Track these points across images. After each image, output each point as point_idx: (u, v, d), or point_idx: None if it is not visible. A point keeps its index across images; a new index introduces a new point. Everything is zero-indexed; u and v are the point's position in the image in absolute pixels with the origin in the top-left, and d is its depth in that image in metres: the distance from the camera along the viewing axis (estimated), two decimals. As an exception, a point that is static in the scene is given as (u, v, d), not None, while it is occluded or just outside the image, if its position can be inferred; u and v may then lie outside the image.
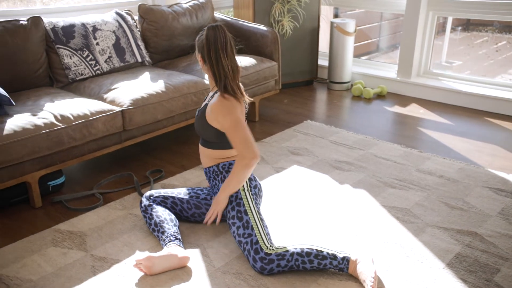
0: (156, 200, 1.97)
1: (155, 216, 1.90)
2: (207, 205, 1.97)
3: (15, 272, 1.74)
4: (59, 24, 2.69)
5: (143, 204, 1.97)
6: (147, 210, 1.94)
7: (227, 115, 1.78)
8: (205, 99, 1.94)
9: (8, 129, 2.02)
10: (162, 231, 1.85)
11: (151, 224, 1.91)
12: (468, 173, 2.47)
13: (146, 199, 1.97)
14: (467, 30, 4.95)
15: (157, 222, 1.88)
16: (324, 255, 1.67)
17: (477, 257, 1.80)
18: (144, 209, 1.95)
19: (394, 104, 3.64)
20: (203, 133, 1.90)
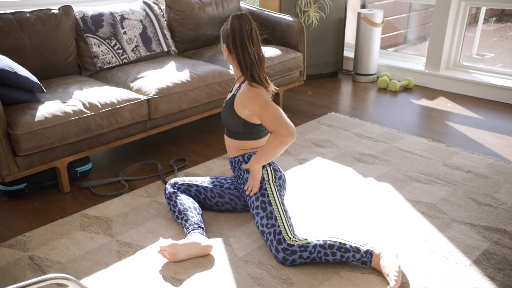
0: (180, 188, 1.99)
1: (179, 203, 1.93)
2: (231, 195, 1.99)
3: (46, 254, 1.80)
4: (88, 13, 2.73)
5: (167, 191, 1.99)
6: (171, 198, 1.96)
7: (256, 99, 1.77)
8: (231, 90, 1.95)
9: (39, 116, 2.08)
10: (186, 219, 1.87)
11: (175, 212, 1.93)
12: (498, 169, 2.40)
13: (171, 187, 2.00)
14: (501, 21, 4.77)
15: (181, 210, 1.90)
16: (347, 248, 1.66)
17: (506, 255, 1.76)
18: (169, 196, 1.98)
19: (421, 97, 3.55)
20: (230, 123, 1.90)
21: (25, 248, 1.84)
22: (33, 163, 2.11)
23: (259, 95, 1.77)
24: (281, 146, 1.76)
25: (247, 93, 1.79)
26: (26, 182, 2.21)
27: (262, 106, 1.76)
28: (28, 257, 1.79)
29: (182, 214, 1.90)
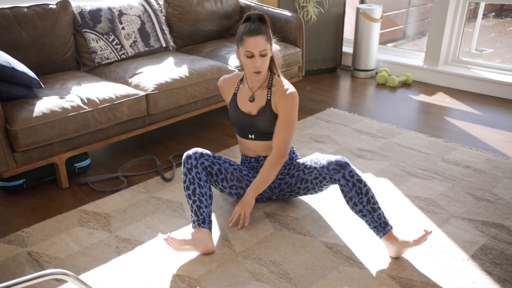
0: (204, 163, 1.83)
1: (197, 182, 1.78)
2: (248, 182, 1.96)
3: (44, 250, 1.80)
4: (86, 8, 2.72)
5: (190, 162, 1.80)
6: (191, 171, 1.79)
7: (295, 108, 1.86)
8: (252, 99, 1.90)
9: (37, 111, 2.07)
10: (199, 206, 1.76)
11: (189, 188, 1.78)
12: (496, 164, 2.41)
13: (195, 158, 1.81)
14: (500, 17, 4.77)
15: (197, 192, 1.77)
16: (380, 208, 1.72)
17: (504, 250, 1.76)
18: (189, 168, 1.79)
19: (420, 92, 3.55)
20: (269, 128, 1.91)
21: (24, 243, 1.84)
22: (31, 159, 2.11)
23: (297, 106, 1.87)
24: (278, 167, 1.87)
25: (295, 97, 1.85)
26: (24, 178, 2.21)
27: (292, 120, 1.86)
28: (26, 252, 1.79)
29: (196, 197, 1.77)
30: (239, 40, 1.79)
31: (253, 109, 1.91)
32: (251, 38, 1.75)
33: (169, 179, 2.30)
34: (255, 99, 1.90)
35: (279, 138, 1.85)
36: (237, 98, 1.95)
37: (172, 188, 2.23)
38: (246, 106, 1.92)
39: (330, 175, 1.77)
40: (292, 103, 1.84)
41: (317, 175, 1.84)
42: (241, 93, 1.94)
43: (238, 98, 1.95)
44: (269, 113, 1.89)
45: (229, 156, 2.55)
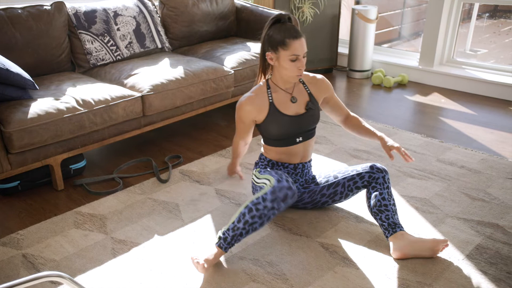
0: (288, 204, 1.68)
1: (265, 221, 1.63)
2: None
3: (40, 252, 1.79)
4: (81, 9, 2.71)
5: (283, 204, 1.62)
6: (274, 210, 1.62)
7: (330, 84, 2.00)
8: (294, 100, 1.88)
9: (32, 113, 2.06)
10: (242, 235, 1.64)
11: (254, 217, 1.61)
12: (491, 164, 2.42)
13: (286, 205, 1.65)
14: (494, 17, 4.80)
15: (255, 227, 1.63)
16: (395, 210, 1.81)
17: (499, 249, 1.77)
18: (277, 207, 1.61)
19: (415, 93, 3.57)
20: (317, 120, 1.95)
21: (19, 246, 1.83)
22: (26, 161, 2.10)
23: None
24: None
25: (326, 80, 1.97)
26: (19, 180, 2.20)
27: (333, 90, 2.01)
28: (21, 255, 1.78)
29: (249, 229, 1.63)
30: (281, 44, 1.73)
31: (299, 108, 1.89)
32: (296, 41, 1.72)
33: (165, 180, 2.29)
34: (297, 99, 1.89)
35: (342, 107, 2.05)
36: (276, 107, 1.85)
37: (168, 190, 2.22)
38: (291, 109, 1.87)
39: (371, 173, 1.84)
40: (329, 83, 1.99)
41: (354, 176, 1.88)
42: (278, 100, 1.86)
43: (278, 106, 1.85)
44: (316, 104, 1.93)
45: (224, 157, 2.55)
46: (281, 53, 1.75)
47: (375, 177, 1.83)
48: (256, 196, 1.65)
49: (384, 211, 1.78)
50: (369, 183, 1.85)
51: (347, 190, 1.91)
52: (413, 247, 1.70)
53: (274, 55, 1.77)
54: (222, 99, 2.84)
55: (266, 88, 1.88)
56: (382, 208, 1.78)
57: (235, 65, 2.84)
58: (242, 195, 2.17)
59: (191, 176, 2.35)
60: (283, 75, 1.81)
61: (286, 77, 1.81)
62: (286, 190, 1.63)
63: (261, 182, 1.84)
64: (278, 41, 1.74)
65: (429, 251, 1.70)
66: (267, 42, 1.78)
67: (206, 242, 1.84)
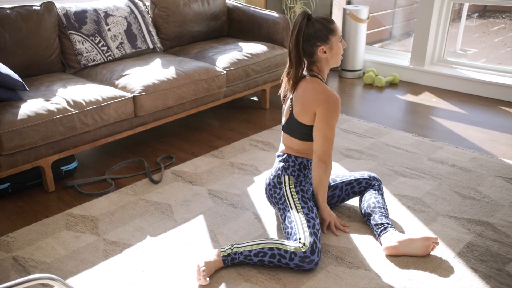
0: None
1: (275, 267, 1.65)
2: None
3: (30, 254, 1.78)
4: (71, 9, 2.69)
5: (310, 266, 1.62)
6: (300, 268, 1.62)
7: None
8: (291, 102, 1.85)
9: (22, 114, 2.04)
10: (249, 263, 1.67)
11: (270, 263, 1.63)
12: (481, 163, 2.44)
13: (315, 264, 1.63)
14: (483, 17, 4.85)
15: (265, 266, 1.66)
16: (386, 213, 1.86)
17: (489, 247, 1.79)
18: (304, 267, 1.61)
19: (407, 92, 3.59)
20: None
21: (9, 248, 1.81)
22: (16, 162, 2.07)
23: None
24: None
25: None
26: (9, 182, 2.18)
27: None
28: (12, 257, 1.76)
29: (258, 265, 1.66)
30: (330, 31, 1.75)
31: None
32: (335, 24, 1.79)
33: (157, 181, 2.28)
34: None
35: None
36: None
37: (161, 190, 2.22)
38: None
39: (368, 180, 1.96)
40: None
41: (352, 181, 1.96)
42: None
43: None
44: None
45: (216, 157, 2.55)
46: (332, 40, 1.76)
47: (371, 184, 1.96)
48: (286, 246, 1.62)
49: (377, 212, 1.84)
50: (365, 189, 1.95)
51: (344, 194, 1.98)
52: (404, 244, 1.72)
53: (327, 46, 1.76)
54: (214, 99, 2.84)
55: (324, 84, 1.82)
56: (376, 210, 1.85)
57: (227, 65, 2.84)
58: (235, 195, 2.16)
59: (183, 176, 2.34)
60: (333, 63, 1.81)
61: (334, 63, 1.82)
62: (313, 265, 1.62)
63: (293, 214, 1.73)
64: (326, 32, 1.75)
65: (421, 249, 1.71)
66: (314, 39, 1.75)
67: (199, 243, 1.83)
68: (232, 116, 3.14)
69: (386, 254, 1.74)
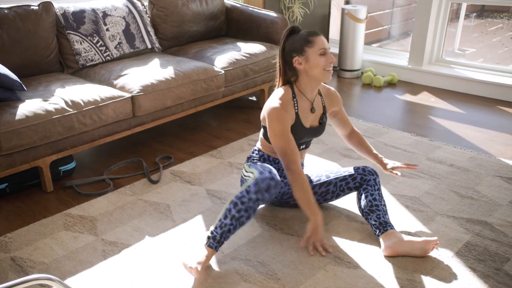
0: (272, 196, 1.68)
1: (251, 214, 1.63)
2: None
3: (28, 255, 1.77)
4: (69, 9, 2.69)
5: (267, 195, 1.62)
6: (259, 202, 1.62)
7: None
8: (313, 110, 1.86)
9: (20, 114, 2.04)
10: (230, 230, 1.63)
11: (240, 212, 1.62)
12: (479, 162, 2.45)
13: (270, 196, 1.64)
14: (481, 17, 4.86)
15: (242, 221, 1.63)
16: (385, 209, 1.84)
17: (487, 246, 1.80)
18: (261, 198, 1.62)
19: (405, 92, 3.60)
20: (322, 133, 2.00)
21: (7, 249, 1.81)
22: (14, 163, 2.07)
23: None
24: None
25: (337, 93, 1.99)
26: (7, 182, 2.17)
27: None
28: (10, 258, 1.76)
29: (236, 223, 1.62)
30: (306, 43, 1.73)
31: (314, 121, 1.88)
32: (319, 37, 1.75)
33: (156, 181, 2.28)
34: (315, 109, 1.87)
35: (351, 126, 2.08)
36: (300, 117, 1.82)
37: (159, 190, 2.21)
38: (308, 121, 1.86)
39: (363, 175, 1.89)
40: (339, 96, 2.02)
41: (346, 176, 1.92)
42: (302, 110, 1.83)
43: (301, 116, 1.82)
44: (326, 117, 1.95)
45: (215, 157, 2.55)
46: (309, 52, 1.73)
47: (366, 179, 1.89)
48: (240, 190, 1.66)
49: (375, 211, 1.81)
50: (360, 185, 1.90)
51: (338, 190, 1.94)
52: (404, 245, 1.71)
53: (302, 57, 1.75)
54: (212, 99, 2.84)
55: (292, 95, 1.81)
56: (374, 208, 1.82)
57: (225, 65, 2.84)
58: (234, 195, 2.16)
59: (182, 176, 2.34)
60: (313, 76, 1.76)
61: (316, 77, 1.76)
62: (268, 180, 1.63)
63: (247, 175, 1.87)
64: (302, 43, 1.75)
65: (420, 251, 1.71)
66: (290, 50, 1.76)
67: (198, 243, 1.83)
68: (231, 116, 3.14)
69: (385, 255, 1.74)
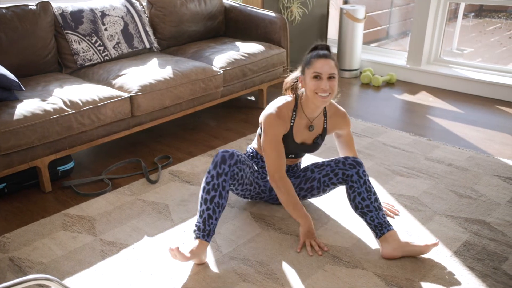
0: (234, 170, 1.72)
1: (220, 191, 1.67)
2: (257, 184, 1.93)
3: (27, 255, 1.77)
4: (67, 9, 2.68)
5: (223, 167, 1.68)
6: (220, 177, 1.68)
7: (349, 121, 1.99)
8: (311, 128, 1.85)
9: (18, 114, 2.04)
10: (210, 215, 1.66)
11: (209, 193, 1.67)
12: (478, 162, 2.45)
13: (229, 165, 1.70)
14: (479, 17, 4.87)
15: (215, 201, 1.67)
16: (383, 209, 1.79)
17: (485, 245, 1.80)
18: (221, 173, 1.68)
19: (403, 92, 3.60)
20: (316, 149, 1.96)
21: (5, 249, 1.81)
22: (12, 163, 2.07)
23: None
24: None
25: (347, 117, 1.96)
26: (5, 182, 2.17)
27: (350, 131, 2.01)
28: (8, 258, 1.76)
29: (212, 206, 1.66)
30: (307, 63, 1.73)
31: (308, 138, 1.87)
32: (321, 60, 1.70)
33: (154, 181, 2.28)
34: (314, 128, 1.86)
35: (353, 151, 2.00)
36: (293, 131, 1.83)
37: (158, 190, 2.21)
38: (301, 136, 1.85)
39: (344, 170, 1.81)
40: (349, 120, 1.97)
41: (328, 172, 1.86)
42: (298, 124, 1.83)
43: (294, 130, 1.83)
44: (324, 138, 1.93)
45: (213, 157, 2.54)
46: (306, 73, 1.73)
47: (349, 175, 1.80)
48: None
49: (367, 213, 1.76)
50: (344, 180, 1.83)
51: (323, 185, 1.91)
52: (403, 250, 1.71)
53: (302, 76, 1.76)
54: (211, 99, 2.83)
55: (293, 108, 1.82)
56: (365, 210, 1.76)
57: (224, 65, 2.84)
58: (232, 195, 2.16)
59: (180, 176, 2.34)
60: (309, 99, 1.76)
61: (311, 99, 1.75)
62: (222, 153, 1.71)
63: None
64: (305, 63, 1.75)
65: (419, 253, 1.72)
66: (301, 67, 1.78)
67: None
68: (229, 116, 3.14)
69: (384, 258, 1.74)
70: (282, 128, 1.80)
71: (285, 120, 1.81)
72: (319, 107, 1.80)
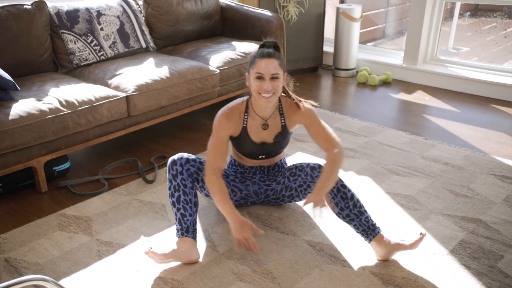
0: (190, 169, 1.77)
1: (182, 189, 1.73)
2: (234, 187, 1.93)
3: (23, 256, 1.76)
4: (63, 8, 2.67)
5: (175, 168, 1.75)
6: (177, 178, 1.75)
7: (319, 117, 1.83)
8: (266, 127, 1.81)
9: (13, 114, 2.03)
10: (183, 214, 1.71)
11: (173, 195, 1.74)
12: (474, 161, 2.46)
13: (180, 165, 1.76)
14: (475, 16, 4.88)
15: (182, 200, 1.72)
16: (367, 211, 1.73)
17: (481, 244, 1.81)
18: (175, 174, 1.75)
19: (400, 91, 3.61)
20: (285, 146, 1.91)
21: (1, 250, 1.80)
22: (8, 163, 2.06)
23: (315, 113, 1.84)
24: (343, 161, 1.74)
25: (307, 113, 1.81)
26: (1, 183, 2.16)
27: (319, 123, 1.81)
28: (3, 259, 1.75)
29: (180, 205, 1.72)
30: (251, 63, 1.70)
31: (268, 137, 1.84)
32: (264, 60, 1.66)
33: (151, 181, 2.28)
34: (268, 127, 1.82)
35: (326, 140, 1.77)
36: (248, 131, 1.82)
37: (154, 190, 2.21)
38: (259, 136, 1.83)
39: (314, 182, 1.77)
40: (315, 115, 1.82)
41: (301, 183, 1.84)
42: (252, 125, 1.81)
43: (249, 131, 1.82)
44: (286, 134, 1.86)
45: (211, 156, 2.54)
46: (251, 73, 1.70)
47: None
48: None
49: (350, 222, 1.72)
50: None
51: (301, 194, 1.89)
52: (394, 251, 1.69)
53: (248, 76, 1.75)
54: (207, 98, 2.83)
55: (245, 109, 1.81)
56: (347, 220, 1.72)
57: (220, 64, 2.83)
58: (229, 194, 2.16)
59: (177, 176, 2.34)
60: (253, 94, 1.73)
61: (254, 96, 1.72)
62: (172, 158, 1.80)
63: None
64: (250, 61, 1.72)
65: (410, 250, 1.70)
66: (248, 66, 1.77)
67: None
68: (226, 115, 3.13)
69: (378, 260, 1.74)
70: (231, 130, 1.80)
71: (236, 121, 1.80)
72: (267, 107, 1.77)
